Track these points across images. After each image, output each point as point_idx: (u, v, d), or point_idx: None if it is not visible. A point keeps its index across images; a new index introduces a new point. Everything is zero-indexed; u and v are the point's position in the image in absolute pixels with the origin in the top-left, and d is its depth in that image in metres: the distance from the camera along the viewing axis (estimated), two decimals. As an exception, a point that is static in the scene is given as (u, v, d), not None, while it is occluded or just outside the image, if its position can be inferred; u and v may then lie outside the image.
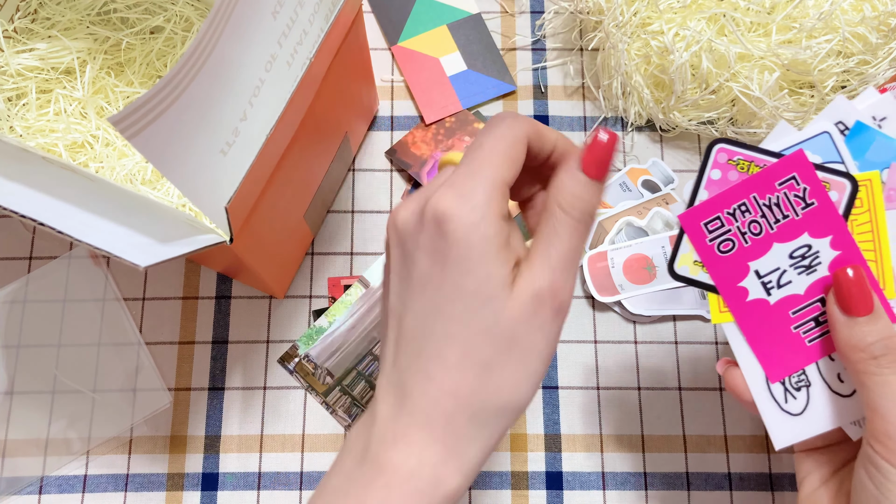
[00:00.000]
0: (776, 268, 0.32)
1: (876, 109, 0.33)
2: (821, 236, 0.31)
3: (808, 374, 0.32)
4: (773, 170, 0.31)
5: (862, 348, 0.30)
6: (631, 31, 0.54)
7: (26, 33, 0.54)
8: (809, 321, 0.32)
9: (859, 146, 0.32)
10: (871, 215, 0.31)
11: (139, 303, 0.53)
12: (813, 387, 0.32)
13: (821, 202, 0.31)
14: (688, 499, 0.50)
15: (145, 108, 0.28)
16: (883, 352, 0.30)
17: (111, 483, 0.50)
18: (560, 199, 0.29)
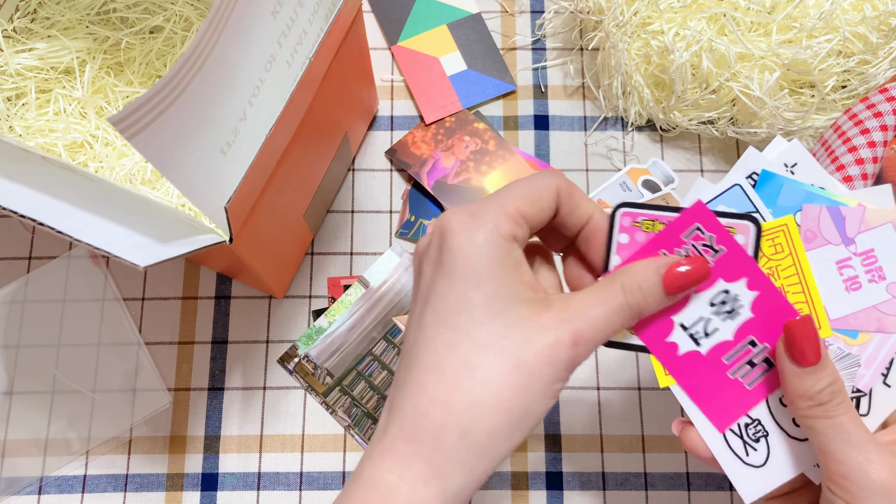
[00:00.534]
0: (699, 317, 0.32)
1: (787, 157, 0.34)
2: (735, 279, 0.31)
3: (763, 424, 0.32)
4: (677, 224, 0.31)
5: (810, 396, 0.30)
6: (631, 30, 0.53)
7: (26, 33, 0.53)
8: (744, 365, 0.32)
9: (770, 193, 0.33)
10: (794, 258, 0.32)
11: (139, 303, 0.53)
12: (771, 436, 0.32)
13: (729, 247, 0.31)
14: (688, 499, 0.49)
15: (145, 107, 0.28)
16: (829, 397, 0.29)
17: (111, 483, 0.50)
18: (626, 279, 0.30)
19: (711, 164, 0.56)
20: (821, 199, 0.33)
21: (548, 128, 0.58)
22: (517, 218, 0.29)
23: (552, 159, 0.57)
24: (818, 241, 0.32)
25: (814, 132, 0.52)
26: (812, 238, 0.32)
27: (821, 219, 0.32)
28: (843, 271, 0.32)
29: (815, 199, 0.33)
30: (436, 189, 0.55)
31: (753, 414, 0.32)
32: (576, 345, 0.28)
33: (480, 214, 0.29)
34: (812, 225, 0.33)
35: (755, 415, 0.32)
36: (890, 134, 0.42)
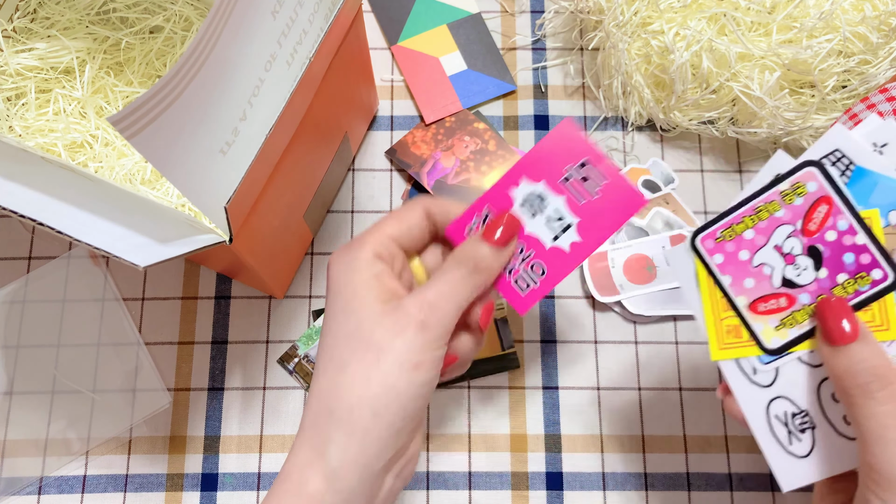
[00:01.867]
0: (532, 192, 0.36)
1: (876, 135, 0.32)
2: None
3: (811, 416, 0.32)
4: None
5: (847, 376, 0.29)
6: (631, 30, 0.53)
7: (25, 33, 0.53)
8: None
9: (862, 191, 0.31)
10: None
11: (139, 303, 0.53)
12: (818, 429, 0.32)
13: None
14: (688, 499, 0.49)
15: (145, 107, 0.28)
16: (869, 379, 0.29)
17: (111, 483, 0.50)
18: (457, 250, 0.35)
19: (712, 164, 0.56)
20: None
21: (548, 128, 0.58)
22: (382, 239, 0.35)
23: (552, 159, 0.57)
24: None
25: (814, 132, 0.52)
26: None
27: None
28: None
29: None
30: (436, 189, 0.55)
31: (802, 405, 0.32)
32: (420, 310, 0.32)
33: (352, 244, 0.35)
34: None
35: (804, 406, 0.32)
36: (890, 134, 0.42)
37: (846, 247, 0.31)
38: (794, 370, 0.32)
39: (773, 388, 0.32)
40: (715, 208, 0.55)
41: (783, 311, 0.32)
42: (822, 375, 0.32)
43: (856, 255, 0.31)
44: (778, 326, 0.32)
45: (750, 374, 0.33)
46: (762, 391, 0.32)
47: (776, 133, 0.52)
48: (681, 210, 0.55)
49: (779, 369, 0.32)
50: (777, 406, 0.32)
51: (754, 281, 0.32)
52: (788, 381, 0.32)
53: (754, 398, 0.32)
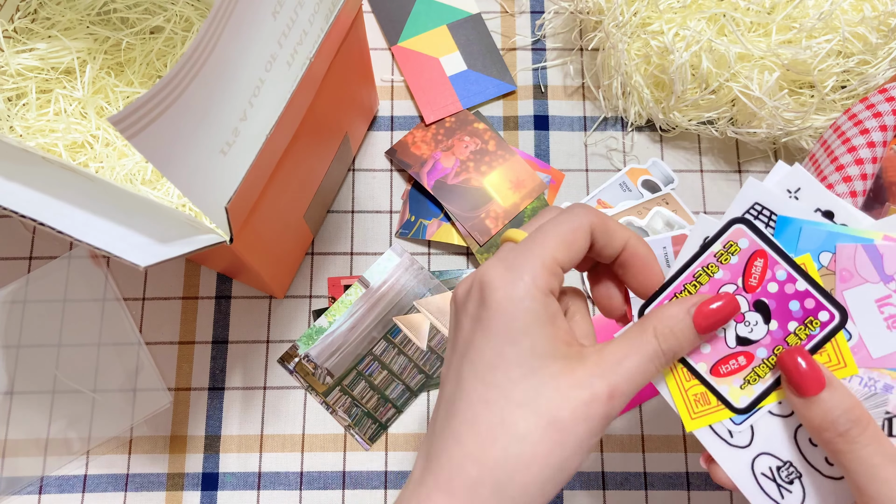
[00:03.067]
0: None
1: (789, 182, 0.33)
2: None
3: (796, 466, 0.32)
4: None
5: (826, 426, 0.29)
6: (631, 31, 0.54)
7: (26, 33, 0.54)
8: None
9: (789, 238, 0.32)
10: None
11: (139, 303, 0.53)
12: (805, 477, 0.32)
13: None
14: (688, 499, 0.50)
15: (145, 108, 0.28)
16: (848, 425, 0.29)
17: (111, 483, 0.50)
18: (658, 324, 0.30)
19: (711, 164, 0.57)
20: (845, 237, 0.32)
21: (548, 128, 0.58)
22: (554, 268, 0.30)
23: (552, 159, 0.57)
24: (855, 281, 0.31)
25: (813, 132, 0.52)
26: (848, 278, 0.31)
27: (857, 257, 0.31)
28: (884, 309, 0.31)
29: (838, 238, 0.32)
30: (436, 189, 0.55)
31: (784, 456, 0.32)
32: (611, 399, 0.28)
33: (517, 267, 0.29)
34: (848, 264, 0.32)
35: (786, 457, 0.32)
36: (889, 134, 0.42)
37: (789, 295, 0.32)
38: (768, 425, 0.32)
39: (752, 446, 0.33)
40: (714, 208, 0.55)
41: (744, 370, 0.32)
42: (796, 423, 0.32)
43: (800, 301, 0.32)
44: (742, 385, 0.33)
45: (727, 438, 0.33)
46: (743, 452, 0.33)
47: (775, 133, 0.52)
48: (680, 210, 0.55)
49: (753, 427, 0.33)
50: (761, 463, 0.33)
51: (710, 346, 0.33)
52: (765, 437, 0.32)
53: (738, 461, 0.33)
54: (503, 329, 0.29)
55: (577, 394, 0.28)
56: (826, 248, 0.32)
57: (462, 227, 0.54)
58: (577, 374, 0.29)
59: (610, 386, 0.28)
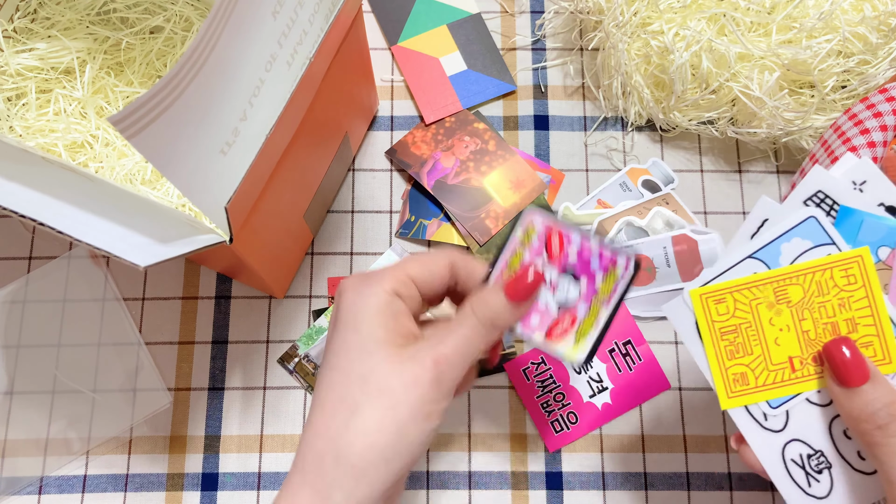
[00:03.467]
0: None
1: (854, 174, 0.33)
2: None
3: (826, 456, 0.32)
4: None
5: (865, 418, 0.29)
6: (631, 30, 0.54)
7: (26, 33, 0.54)
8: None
9: (849, 229, 0.32)
10: (867, 290, 0.31)
11: (139, 303, 0.53)
12: (834, 468, 0.32)
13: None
14: (688, 499, 0.50)
15: (145, 107, 0.28)
16: (887, 419, 0.29)
17: (111, 483, 0.50)
18: (474, 301, 0.34)
19: (711, 164, 0.57)
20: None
21: (548, 128, 0.58)
22: (404, 279, 0.34)
23: (552, 159, 0.57)
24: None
25: (814, 132, 0.52)
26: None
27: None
28: None
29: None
30: (436, 189, 0.55)
31: (817, 445, 0.32)
32: (437, 364, 0.31)
33: (370, 276, 0.34)
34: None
35: (818, 446, 0.32)
36: (890, 134, 0.42)
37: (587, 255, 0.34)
38: (804, 412, 0.32)
39: (785, 431, 0.32)
40: (715, 208, 0.55)
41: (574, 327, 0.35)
42: (832, 414, 0.32)
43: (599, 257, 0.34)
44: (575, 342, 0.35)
45: (761, 420, 0.33)
46: (776, 436, 0.33)
47: (775, 133, 0.52)
48: (681, 210, 0.55)
49: (789, 412, 0.33)
50: (792, 449, 0.32)
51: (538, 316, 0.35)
52: (800, 424, 0.32)
53: (769, 444, 0.33)
54: (349, 321, 0.33)
55: (405, 366, 0.31)
56: (885, 243, 0.32)
57: (462, 227, 0.54)
58: (407, 351, 0.32)
59: (434, 355, 0.32)
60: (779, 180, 0.56)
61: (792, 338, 0.32)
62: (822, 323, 0.32)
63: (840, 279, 0.31)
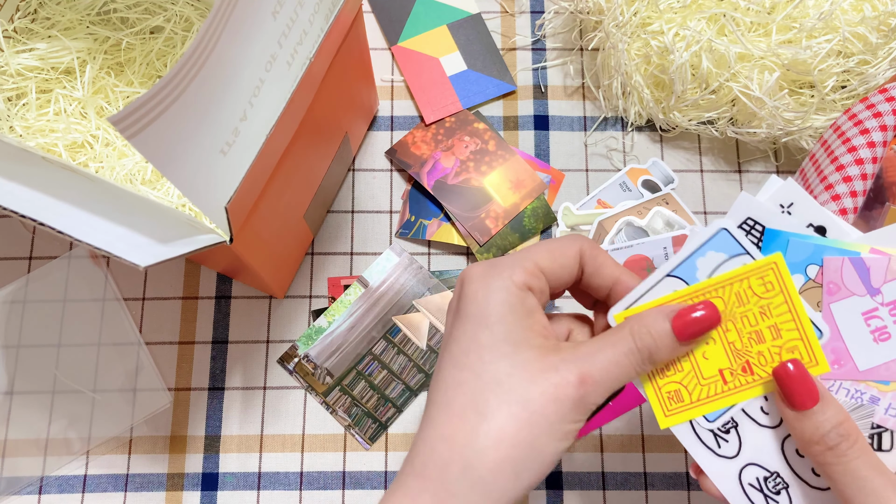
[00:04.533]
0: None
1: (781, 197, 0.33)
2: None
3: (783, 476, 0.32)
4: None
5: (817, 440, 0.29)
6: (631, 30, 0.54)
7: (26, 33, 0.54)
8: None
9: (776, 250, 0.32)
10: (785, 296, 0.31)
11: (139, 303, 0.53)
12: (791, 487, 0.32)
13: None
14: (688, 499, 0.50)
15: (145, 107, 0.28)
16: (838, 440, 0.29)
17: (111, 483, 0.50)
18: (635, 325, 0.30)
19: (711, 164, 0.57)
20: (832, 250, 0.32)
21: (548, 128, 0.58)
22: (534, 270, 0.30)
23: (552, 159, 0.57)
24: (842, 293, 0.32)
25: (813, 132, 0.52)
26: (836, 290, 0.32)
27: (844, 270, 0.32)
28: (871, 322, 0.31)
29: (825, 251, 0.32)
30: (436, 189, 0.55)
31: (772, 467, 0.32)
32: (582, 384, 0.29)
33: (498, 265, 0.30)
34: (835, 277, 0.32)
35: (773, 468, 0.32)
36: (889, 134, 0.42)
37: None
38: (755, 435, 0.32)
39: (740, 457, 0.33)
40: (714, 208, 0.55)
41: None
42: (784, 434, 0.32)
43: None
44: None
45: (715, 448, 0.33)
46: (731, 462, 0.33)
47: (776, 133, 0.52)
48: (681, 210, 0.55)
49: (741, 437, 0.33)
50: (748, 473, 0.33)
51: None
52: (754, 447, 0.32)
53: (725, 471, 0.33)
54: (478, 316, 0.30)
55: (546, 376, 0.29)
56: (813, 261, 0.32)
57: (462, 227, 0.54)
58: (548, 359, 0.29)
59: (581, 372, 0.29)
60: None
61: (719, 350, 0.32)
62: (746, 333, 0.32)
63: (758, 287, 0.31)
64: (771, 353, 0.31)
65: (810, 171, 0.46)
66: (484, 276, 0.30)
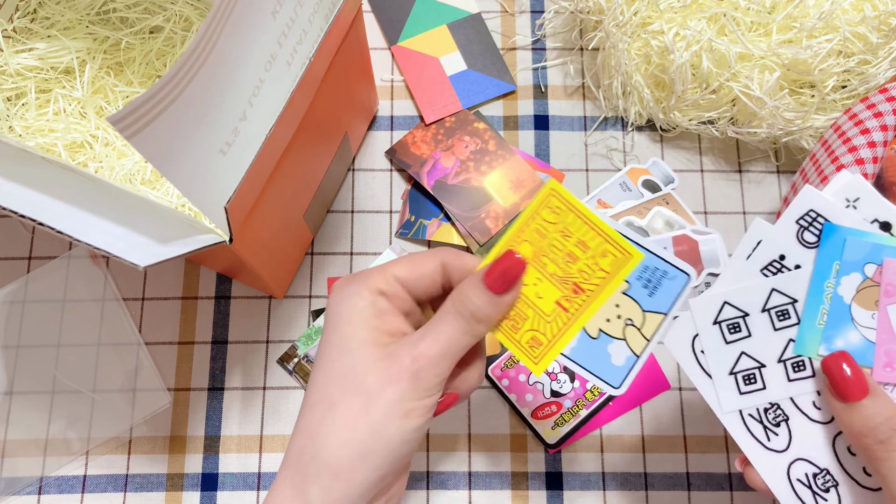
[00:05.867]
0: None
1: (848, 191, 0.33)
2: None
3: (833, 474, 0.32)
4: None
5: (866, 433, 0.29)
6: (631, 30, 0.53)
7: (26, 33, 0.53)
8: None
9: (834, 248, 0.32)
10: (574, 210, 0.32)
11: (139, 303, 0.53)
12: (841, 486, 0.32)
13: None
14: (688, 499, 0.49)
15: (145, 107, 0.28)
16: (889, 433, 0.29)
17: (111, 483, 0.50)
18: (454, 295, 0.33)
19: (711, 164, 0.56)
20: (889, 249, 0.31)
21: (548, 128, 0.58)
22: (388, 278, 0.33)
23: (552, 159, 0.57)
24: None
25: (814, 132, 0.52)
26: (894, 292, 0.31)
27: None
28: None
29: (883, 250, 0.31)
30: (436, 189, 0.55)
31: (822, 464, 0.32)
32: (415, 361, 0.31)
33: (357, 275, 0.33)
34: (894, 279, 0.31)
35: (824, 464, 0.32)
36: (890, 134, 0.42)
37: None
38: (806, 430, 0.32)
39: (789, 451, 0.32)
40: (715, 208, 0.55)
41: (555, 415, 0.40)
42: (835, 431, 0.32)
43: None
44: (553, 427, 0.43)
45: (764, 441, 0.33)
46: (780, 456, 0.33)
47: (776, 133, 0.52)
48: (681, 210, 0.55)
49: (791, 432, 0.32)
50: (797, 469, 0.32)
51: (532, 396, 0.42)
52: (804, 443, 0.32)
53: (774, 465, 0.33)
54: (333, 321, 0.33)
55: (381, 363, 0.31)
56: (871, 260, 0.32)
57: (462, 227, 0.54)
58: (386, 350, 0.32)
59: (413, 351, 0.31)
60: (779, 180, 0.56)
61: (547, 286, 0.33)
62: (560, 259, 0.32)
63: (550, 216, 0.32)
64: (589, 267, 0.32)
65: (811, 171, 0.46)
66: (342, 284, 0.33)
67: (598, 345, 0.33)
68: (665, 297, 0.32)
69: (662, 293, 0.32)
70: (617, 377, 0.33)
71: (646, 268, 0.32)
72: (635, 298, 0.33)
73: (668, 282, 0.32)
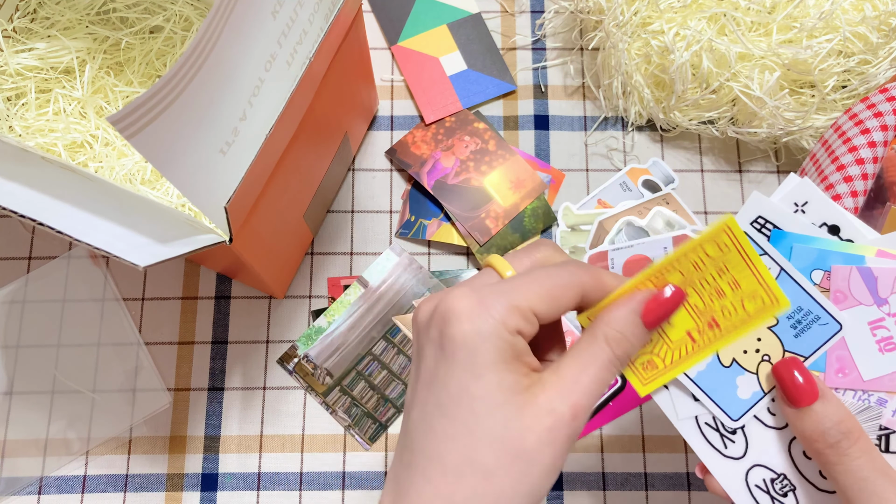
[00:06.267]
0: None
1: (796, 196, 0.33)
2: None
3: (790, 478, 0.32)
4: None
5: (817, 437, 0.29)
6: (631, 30, 0.53)
7: (25, 33, 0.53)
8: None
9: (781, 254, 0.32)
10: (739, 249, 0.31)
11: (139, 303, 0.53)
12: (798, 489, 0.32)
13: None
14: (688, 499, 0.49)
15: (145, 107, 0.28)
16: (838, 437, 0.29)
17: (111, 483, 0.50)
18: (608, 332, 0.29)
19: (711, 164, 0.56)
20: (835, 255, 0.32)
21: (548, 128, 0.58)
22: (528, 315, 0.28)
23: (552, 159, 0.57)
24: (849, 302, 0.32)
25: (814, 132, 0.52)
26: (843, 299, 0.32)
27: (851, 279, 0.32)
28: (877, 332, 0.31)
29: (829, 256, 0.32)
30: (436, 189, 0.55)
31: (779, 468, 0.32)
32: (574, 419, 0.28)
33: (489, 304, 0.28)
34: (842, 285, 0.32)
35: (780, 469, 0.32)
36: (890, 134, 0.42)
37: None
38: (762, 436, 0.32)
39: (746, 458, 0.33)
40: (715, 208, 0.55)
41: None
42: (790, 436, 0.32)
43: None
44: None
45: (721, 449, 0.33)
46: (737, 463, 0.33)
47: (776, 133, 0.52)
48: (681, 210, 0.55)
49: (748, 438, 0.33)
50: (755, 475, 0.33)
51: None
52: (760, 448, 0.32)
53: (732, 472, 0.33)
54: (468, 363, 0.28)
55: (540, 421, 0.28)
56: (818, 266, 0.32)
57: (462, 227, 0.54)
58: (539, 401, 0.28)
59: (572, 406, 0.28)
60: (779, 180, 0.56)
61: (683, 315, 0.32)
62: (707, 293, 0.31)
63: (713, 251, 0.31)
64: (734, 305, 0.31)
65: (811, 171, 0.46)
66: (471, 316, 0.28)
67: (727, 374, 0.32)
68: (811, 342, 0.32)
69: (809, 337, 0.32)
70: (738, 410, 0.32)
71: (799, 308, 0.32)
72: (779, 336, 0.32)
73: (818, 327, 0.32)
